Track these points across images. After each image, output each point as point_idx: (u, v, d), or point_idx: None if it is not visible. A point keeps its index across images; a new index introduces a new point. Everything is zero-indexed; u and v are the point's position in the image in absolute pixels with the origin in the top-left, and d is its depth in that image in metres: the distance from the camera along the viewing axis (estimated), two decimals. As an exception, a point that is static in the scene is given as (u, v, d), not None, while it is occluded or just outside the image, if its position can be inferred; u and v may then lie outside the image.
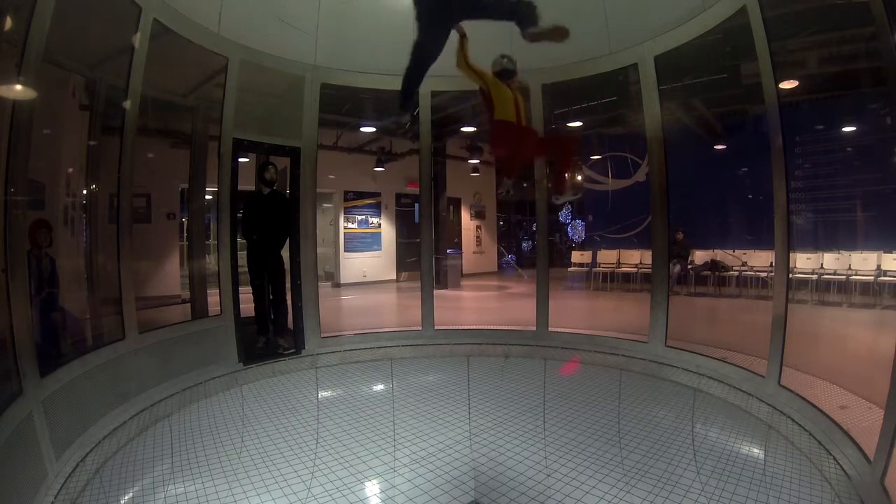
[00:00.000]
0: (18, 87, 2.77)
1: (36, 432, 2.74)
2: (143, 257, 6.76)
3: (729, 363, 4.33)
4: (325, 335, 5.52)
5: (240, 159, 5.04)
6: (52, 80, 4.27)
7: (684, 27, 4.48)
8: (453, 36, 3.07)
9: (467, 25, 3.08)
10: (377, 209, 12.40)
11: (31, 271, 3.59)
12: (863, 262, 7.86)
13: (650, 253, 5.20)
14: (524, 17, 2.81)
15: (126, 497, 3.10)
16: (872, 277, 7.65)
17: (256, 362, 4.93)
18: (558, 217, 15.31)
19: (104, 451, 3.23)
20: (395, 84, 5.95)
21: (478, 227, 14.93)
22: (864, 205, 8.42)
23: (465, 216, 14.60)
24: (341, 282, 11.75)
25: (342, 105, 8.35)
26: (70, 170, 5.21)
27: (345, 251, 11.83)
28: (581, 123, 9.90)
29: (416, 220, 12.13)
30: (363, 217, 12.17)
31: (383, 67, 5.23)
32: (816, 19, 5.71)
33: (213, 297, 5.12)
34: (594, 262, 11.36)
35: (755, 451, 3.59)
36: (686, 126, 9.58)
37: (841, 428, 3.07)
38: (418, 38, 2.95)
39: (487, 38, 3.30)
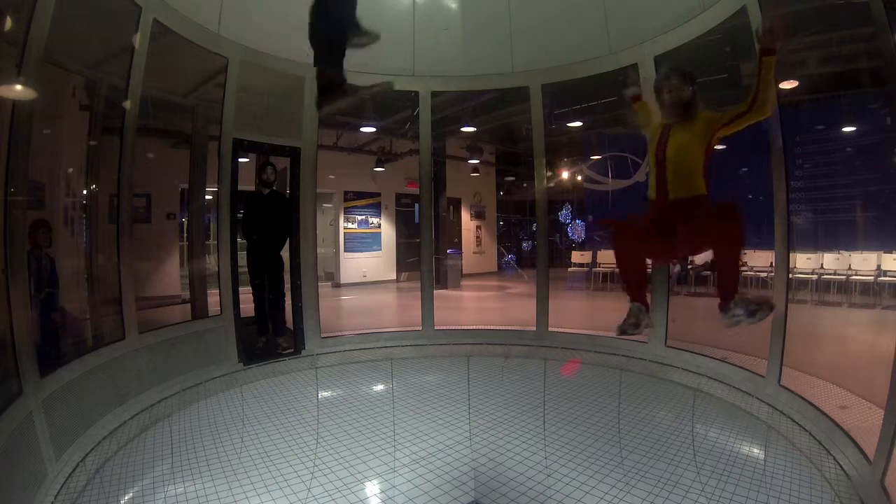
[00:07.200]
0: (18, 87, 2.77)
1: (36, 432, 2.74)
2: (143, 257, 6.76)
3: (729, 363, 4.32)
4: (325, 335, 5.51)
5: (240, 159, 5.04)
6: (52, 80, 4.27)
7: (684, 27, 4.48)
8: None
9: None
10: (377, 209, 12.41)
11: (31, 271, 3.59)
12: (863, 263, 7.85)
13: (650, 253, 5.19)
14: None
15: (126, 497, 3.10)
16: (872, 277, 7.65)
17: (256, 362, 4.93)
18: (558, 217, 15.30)
19: (104, 451, 3.22)
20: (396, 84, 5.95)
21: (478, 228, 14.94)
22: (864, 205, 8.42)
23: (465, 216, 14.59)
24: (341, 282, 11.76)
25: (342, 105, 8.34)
26: (70, 170, 5.21)
27: (345, 251, 11.83)
28: (581, 123, 9.90)
29: (416, 220, 12.13)
30: (363, 217, 12.18)
31: (383, 67, 5.22)
32: (816, 19, 5.71)
33: (213, 298, 5.12)
34: (594, 263, 11.35)
35: (755, 451, 3.59)
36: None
37: (841, 428, 3.07)
38: None
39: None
